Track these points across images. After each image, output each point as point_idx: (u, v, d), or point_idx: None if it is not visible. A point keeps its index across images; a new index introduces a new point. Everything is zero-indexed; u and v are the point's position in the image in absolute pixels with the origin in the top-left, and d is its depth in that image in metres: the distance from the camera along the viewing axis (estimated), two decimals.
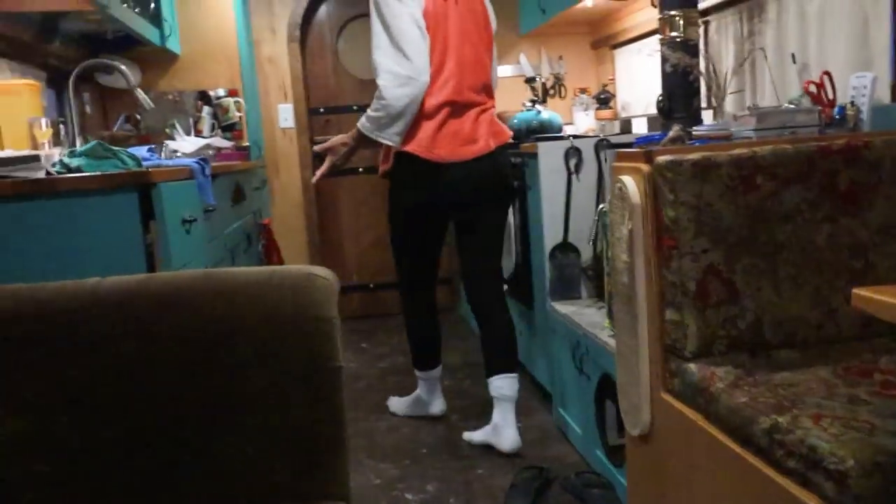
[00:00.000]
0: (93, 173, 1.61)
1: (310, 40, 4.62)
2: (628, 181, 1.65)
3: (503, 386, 2.56)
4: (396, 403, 3.00)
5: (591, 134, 3.58)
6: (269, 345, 1.09)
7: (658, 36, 2.26)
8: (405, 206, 2.61)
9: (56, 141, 2.35)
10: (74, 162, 1.65)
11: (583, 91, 4.02)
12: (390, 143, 2.47)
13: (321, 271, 1.20)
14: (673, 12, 2.20)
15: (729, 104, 2.68)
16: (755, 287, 1.56)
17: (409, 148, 2.46)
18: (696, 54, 2.19)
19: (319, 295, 1.14)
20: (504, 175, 2.61)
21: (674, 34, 2.19)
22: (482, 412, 2.88)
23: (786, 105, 1.89)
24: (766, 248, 1.56)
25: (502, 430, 2.53)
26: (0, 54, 2.52)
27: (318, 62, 4.63)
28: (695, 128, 1.83)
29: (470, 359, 3.62)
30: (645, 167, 1.61)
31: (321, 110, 4.61)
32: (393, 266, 2.85)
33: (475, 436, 2.63)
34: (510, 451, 2.50)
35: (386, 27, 2.40)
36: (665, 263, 1.58)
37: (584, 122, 3.83)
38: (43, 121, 2.34)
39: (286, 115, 4.54)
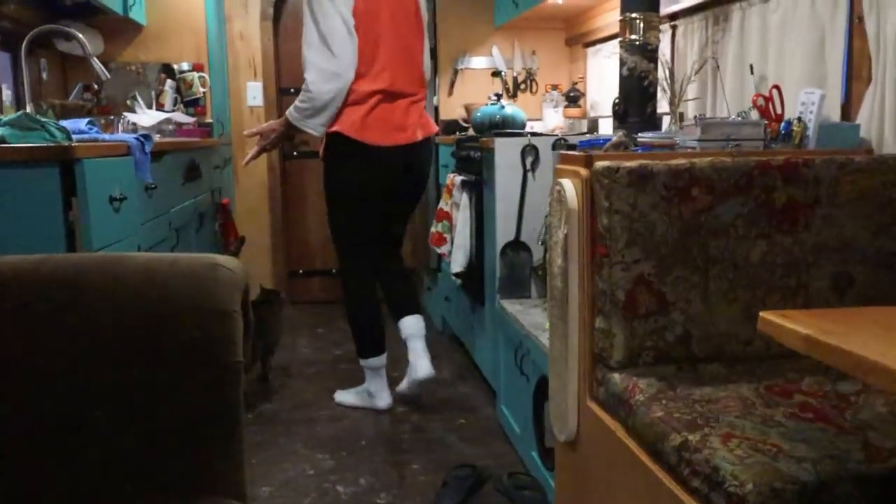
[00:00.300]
0: (14, 145, 1.55)
1: (283, 18, 4.55)
2: (567, 185, 1.63)
3: (412, 324, 2.81)
4: (342, 395, 2.96)
5: (557, 132, 3.56)
6: (161, 335, 1.05)
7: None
8: (340, 185, 2.74)
9: None
10: None
11: (554, 87, 3.99)
12: (314, 133, 2.66)
13: (228, 262, 1.16)
14: (633, 15, 2.18)
15: (692, 111, 2.67)
16: (685, 300, 1.55)
17: (339, 128, 2.62)
18: (653, 59, 2.16)
19: (220, 287, 1.10)
20: (426, 166, 2.87)
21: (633, 37, 2.17)
22: (430, 407, 2.86)
23: (732, 117, 1.88)
24: (698, 262, 1.54)
25: (416, 362, 2.77)
26: None
27: (290, 41, 4.55)
28: (640, 134, 1.81)
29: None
30: (584, 171, 1.58)
31: (291, 90, 4.53)
32: None
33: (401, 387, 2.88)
34: (426, 377, 2.75)
35: (316, 24, 2.55)
36: (597, 271, 1.56)
37: (552, 119, 3.80)
38: None
39: (255, 93, 4.48)
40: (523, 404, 2.33)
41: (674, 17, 2.83)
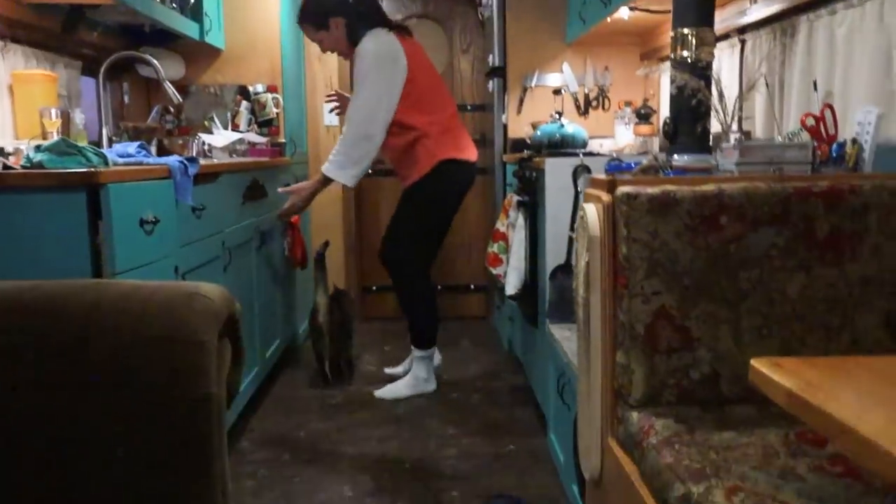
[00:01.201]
0: (48, 170, 1.62)
1: None
2: (590, 210, 1.55)
3: None
4: (391, 391, 3.16)
5: (627, 150, 3.45)
6: (130, 366, 1.05)
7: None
8: (441, 199, 3.11)
9: (65, 130, 2.40)
10: (37, 157, 1.67)
11: (628, 104, 3.87)
12: (347, 183, 3.05)
13: (209, 290, 1.16)
14: (685, 30, 2.06)
15: (760, 133, 2.51)
16: (713, 336, 1.44)
17: (446, 156, 3.04)
18: (705, 76, 2.05)
19: (195, 317, 1.10)
20: None
21: (684, 53, 2.06)
22: (482, 430, 2.81)
23: (779, 139, 1.74)
24: (727, 295, 1.44)
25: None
26: (27, 43, 2.59)
27: None
28: (675, 157, 1.71)
29: (489, 369, 3.56)
30: (606, 197, 1.51)
31: None
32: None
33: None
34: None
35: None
36: (618, 302, 1.48)
37: (624, 136, 3.68)
38: (53, 111, 2.39)
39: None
40: (568, 435, 2.25)
41: (743, 30, 2.69)
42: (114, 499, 1.07)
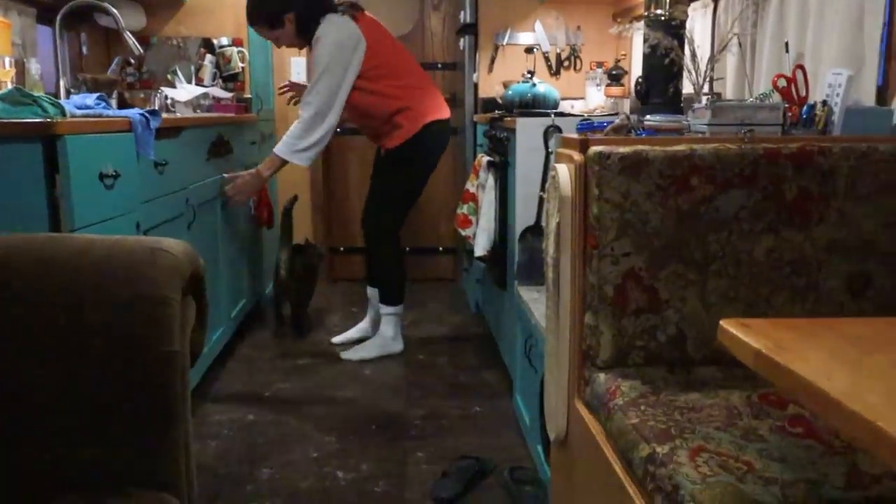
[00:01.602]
0: (2, 120, 1.55)
1: None
2: (562, 170, 1.53)
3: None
4: (359, 352, 3.19)
5: (598, 111, 3.42)
6: (91, 323, 1.02)
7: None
8: (429, 163, 3.12)
9: (20, 80, 2.30)
10: None
11: (599, 65, 3.84)
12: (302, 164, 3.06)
13: (172, 245, 1.12)
14: None
15: (730, 94, 2.51)
16: (680, 298, 1.44)
17: (433, 116, 3.06)
18: (678, 36, 2.02)
19: (158, 273, 1.06)
20: None
21: (658, 12, 2.03)
22: (448, 392, 2.81)
23: (750, 100, 1.73)
24: (695, 257, 1.43)
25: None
26: None
27: None
28: (647, 117, 1.69)
29: (456, 331, 3.56)
30: (578, 157, 1.48)
31: None
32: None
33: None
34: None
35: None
36: (587, 263, 1.47)
37: (594, 97, 3.66)
38: (6, 59, 2.30)
39: (299, 68, 4.44)
40: (533, 396, 2.25)
41: None
42: (74, 458, 1.04)
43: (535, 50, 3.64)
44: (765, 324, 0.89)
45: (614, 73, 3.55)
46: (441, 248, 4.67)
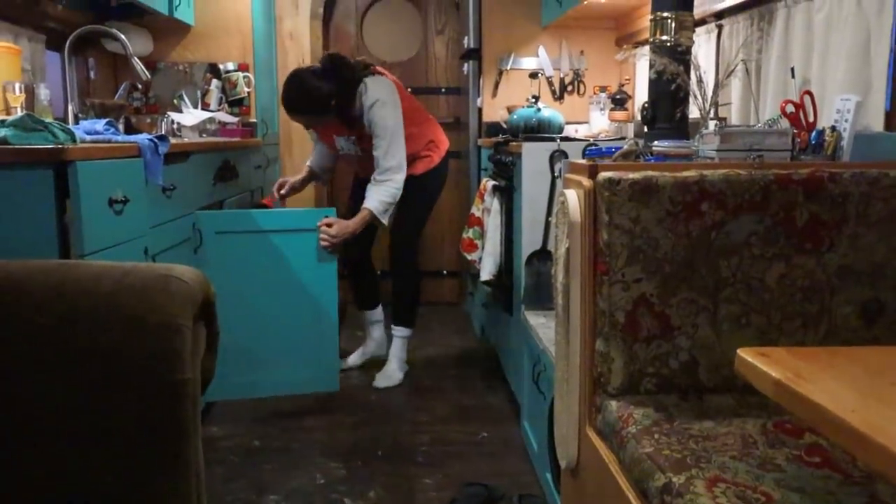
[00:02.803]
0: (14, 146, 1.55)
1: (334, 18, 4.54)
2: (571, 196, 1.53)
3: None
4: (386, 378, 3.17)
5: (602, 136, 3.43)
6: (102, 350, 1.01)
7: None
8: (441, 188, 3.31)
9: (29, 105, 2.31)
10: (1, 132, 1.60)
11: (603, 89, 3.85)
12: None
13: (184, 272, 1.12)
14: (664, 14, 2.05)
15: (735, 119, 2.51)
16: (692, 324, 1.43)
17: (446, 146, 3.30)
18: (684, 61, 2.03)
19: (170, 300, 1.06)
20: None
21: (663, 38, 2.04)
22: (455, 418, 2.79)
23: (758, 125, 1.74)
24: (707, 283, 1.43)
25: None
26: None
27: (340, 42, 4.55)
28: (656, 143, 1.69)
29: (461, 356, 3.54)
30: (587, 182, 1.48)
31: None
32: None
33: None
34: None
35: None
36: (598, 289, 1.46)
37: (598, 122, 3.67)
38: (16, 85, 2.31)
39: None
40: (542, 422, 2.24)
41: (720, 16, 2.68)
42: (86, 482, 1.03)
43: (539, 75, 3.66)
44: (783, 353, 0.88)
45: (618, 97, 3.56)
46: (445, 272, 4.66)
